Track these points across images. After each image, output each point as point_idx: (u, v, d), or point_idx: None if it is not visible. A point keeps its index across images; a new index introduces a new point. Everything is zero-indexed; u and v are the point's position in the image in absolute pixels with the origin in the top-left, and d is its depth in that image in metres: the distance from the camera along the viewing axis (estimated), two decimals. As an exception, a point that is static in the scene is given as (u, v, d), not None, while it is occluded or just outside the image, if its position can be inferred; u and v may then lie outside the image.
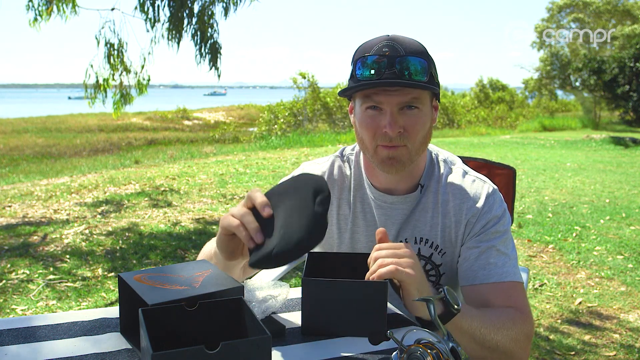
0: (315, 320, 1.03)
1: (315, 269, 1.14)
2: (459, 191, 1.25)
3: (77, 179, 7.32)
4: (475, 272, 1.19)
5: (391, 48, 1.12)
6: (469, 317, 1.06)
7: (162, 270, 1.04)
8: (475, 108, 23.12)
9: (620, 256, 4.18)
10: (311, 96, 16.48)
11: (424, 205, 1.27)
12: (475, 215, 1.22)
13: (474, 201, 1.23)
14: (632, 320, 3.10)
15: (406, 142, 1.16)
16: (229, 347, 0.76)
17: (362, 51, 1.16)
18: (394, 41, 1.13)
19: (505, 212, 1.25)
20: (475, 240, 1.21)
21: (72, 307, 3.12)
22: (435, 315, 0.92)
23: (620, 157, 10.50)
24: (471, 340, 1.07)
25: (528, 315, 1.15)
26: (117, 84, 6.01)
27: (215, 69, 5.78)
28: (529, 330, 1.14)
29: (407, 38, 1.16)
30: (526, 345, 1.13)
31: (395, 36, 1.16)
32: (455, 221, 1.24)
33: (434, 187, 1.27)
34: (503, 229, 1.22)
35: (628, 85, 17.46)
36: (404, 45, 1.13)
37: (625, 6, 25.09)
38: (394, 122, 1.13)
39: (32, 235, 4.45)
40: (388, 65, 1.11)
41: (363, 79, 1.13)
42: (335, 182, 1.34)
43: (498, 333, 1.08)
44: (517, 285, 1.18)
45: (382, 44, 1.13)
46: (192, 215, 5.13)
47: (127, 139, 18.73)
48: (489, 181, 1.28)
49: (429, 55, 1.16)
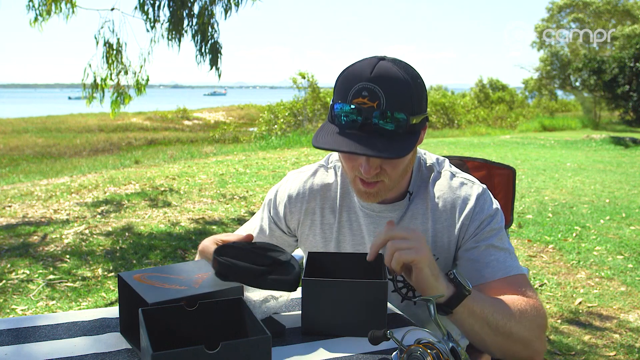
0: (315, 320, 1.03)
1: (314, 268, 1.15)
2: (449, 195, 1.25)
3: (77, 179, 7.32)
4: (480, 271, 1.19)
5: (371, 93, 1.06)
6: (481, 301, 1.06)
7: (162, 270, 1.04)
8: (475, 108, 23.13)
9: (620, 256, 4.18)
10: (311, 96, 16.48)
11: (413, 212, 1.26)
12: (468, 217, 1.22)
13: (465, 204, 1.23)
14: (632, 320, 3.10)
15: (384, 177, 1.16)
16: (229, 347, 0.76)
17: (344, 86, 1.10)
18: (377, 82, 1.07)
19: (498, 209, 1.25)
20: (472, 241, 1.22)
21: (72, 307, 3.12)
22: (435, 315, 0.92)
23: (620, 157, 10.50)
24: (484, 325, 1.07)
25: (540, 306, 1.15)
26: (115, 84, 6.01)
27: (216, 69, 5.79)
28: (541, 320, 1.13)
29: (393, 72, 1.08)
30: (540, 334, 1.12)
31: (379, 73, 1.08)
32: (447, 225, 1.24)
33: (423, 193, 1.27)
34: (498, 226, 1.23)
35: (628, 85, 17.46)
36: (387, 89, 1.06)
37: (625, 6, 25.09)
38: (369, 166, 1.13)
39: (32, 235, 4.45)
40: (364, 117, 1.06)
41: (340, 121, 1.10)
42: (318, 192, 1.34)
43: (511, 320, 1.08)
44: (521, 277, 1.19)
45: (362, 86, 1.07)
46: (192, 215, 5.13)
47: (127, 139, 18.75)
48: (477, 181, 1.28)
49: (413, 91, 1.09)
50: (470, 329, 1.07)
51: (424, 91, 1.15)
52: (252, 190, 6.34)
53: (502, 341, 1.09)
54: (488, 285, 1.17)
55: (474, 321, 1.06)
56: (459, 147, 11.57)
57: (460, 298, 1.02)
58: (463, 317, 1.05)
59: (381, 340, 0.89)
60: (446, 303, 1.02)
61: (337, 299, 1.02)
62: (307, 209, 1.34)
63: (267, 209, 1.41)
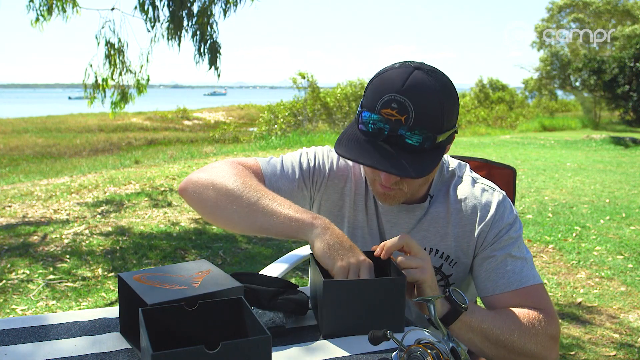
0: (337, 322, 1.03)
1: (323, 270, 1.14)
2: (470, 200, 1.24)
3: (77, 179, 7.32)
4: (495, 281, 1.19)
5: (400, 106, 1.04)
6: (479, 316, 1.08)
7: (161, 270, 1.04)
8: (475, 108, 23.13)
9: (620, 256, 4.18)
10: (311, 96, 16.49)
11: (434, 215, 1.25)
12: (487, 224, 1.22)
13: (486, 210, 1.22)
14: (632, 320, 3.10)
15: (403, 187, 1.17)
16: (229, 347, 0.76)
17: (374, 93, 1.08)
18: (407, 95, 1.04)
19: (516, 218, 1.24)
20: (490, 249, 1.21)
21: (72, 307, 3.12)
22: (435, 315, 0.92)
23: (620, 157, 10.50)
24: (484, 339, 1.09)
25: (553, 316, 1.15)
26: (116, 84, 6.01)
27: (215, 68, 5.79)
28: (554, 331, 1.13)
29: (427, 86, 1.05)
30: (552, 346, 1.12)
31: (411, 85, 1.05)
32: (468, 231, 1.24)
33: (443, 197, 1.26)
34: (516, 234, 1.22)
35: (628, 85, 17.45)
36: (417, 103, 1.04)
37: (625, 6, 25.09)
38: (389, 179, 1.13)
39: (32, 235, 4.45)
40: (390, 129, 1.05)
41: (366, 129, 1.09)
42: (358, 177, 1.31)
43: (513, 334, 1.09)
44: (538, 287, 1.18)
45: (392, 97, 1.05)
46: (192, 215, 5.13)
47: (127, 139, 18.75)
48: (498, 188, 1.28)
49: (444, 108, 1.06)
50: (470, 342, 1.10)
51: (456, 105, 1.12)
52: (252, 190, 6.33)
53: (505, 353, 1.10)
54: (500, 297, 1.18)
55: (472, 335, 1.08)
56: (459, 147, 11.57)
57: (456, 315, 1.04)
58: (461, 332, 1.07)
59: (381, 340, 0.89)
60: (442, 319, 1.04)
61: (358, 299, 1.02)
62: (337, 187, 1.30)
63: (313, 154, 1.30)
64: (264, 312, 1.04)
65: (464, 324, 1.06)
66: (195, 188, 1.19)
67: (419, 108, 1.04)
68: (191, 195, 1.20)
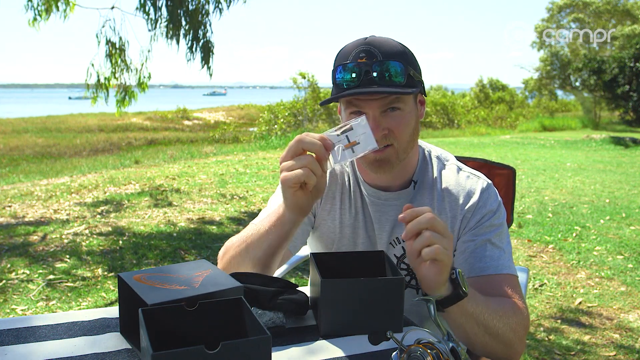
0: (335, 322, 1.03)
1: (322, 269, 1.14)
2: (454, 187, 1.27)
3: (77, 179, 7.32)
4: (472, 264, 1.21)
5: (368, 53, 1.14)
6: (475, 302, 1.07)
7: (161, 270, 1.04)
8: (475, 108, 23.13)
9: (620, 256, 4.18)
10: (311, 96, 16.49)
11: (419, 202, 1.28)
12: (470, 210, 1.24)
13: (469, 196, 1.25)
14: (632, 320, 3.10)
15: (392, 141, 1.19)
16: (229, 347, 0.76)
17: (341, 58, 1.19)
18: (371, 45, 1.15)
19: (500, 205, 1.27)
20: (471, 233, 1.23)
21: (72, 307, 3.12)
22: (435, 315, 0.92)
23: (620, 157, 10.50)
24: (475, 325, 1.08)
25: (524, 308, 1.17)
26: (118, 83, 6.02)
27: (207, 67, 5.78)
28: (526, 322, 1.16)
29: (384, 39, 1.18)
30: (523, 336, 1.15)
31: (372, 39, 1.17)
32: (451, 217, 1.26)
33: (429, 183, 1.29)
34: (498, 222, 1.24)
35: (628, 85, 17.46)
36: (381, 48, 1.15)
37: (625, 6, 25.09)
38: (377, 125, 1.16)
39: (32, 235, 4.45)
40: (365, 72, 1.13)
41: (342, 86, 1.17)
42: (337, 177, 1.36)
43: (500, 320, 1.10)
44: (512, 278, 1.20)
45: (359, 49, 1.15)
46: (192, 215, 5.13)
47: (127, 139, 18.74)
48: (483, 176, 1.30)
49: (407, 54, 1.18)
50: (459, 327, 1.08)
51: (416, 58, 1.22)
52: (252, 190, 6.34)
53: (489, 341, 1.10)
54: (475, 279, 1.19)
55: (465, 320, 1.07)
56: (459, 147, 11.57)
57: (456, 299, 1.02)
58: (456, 316, 1.06)
59: (381, 340, 0.89)
60: (440, 301, 1.02)
61: (356, 298, 1.02)
62: (328, 193, 1.35)
63: None
64: (263, 312, 1.04)
65: (460, 309, 1.04)
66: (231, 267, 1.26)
67: (384, 48, 1.15)
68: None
